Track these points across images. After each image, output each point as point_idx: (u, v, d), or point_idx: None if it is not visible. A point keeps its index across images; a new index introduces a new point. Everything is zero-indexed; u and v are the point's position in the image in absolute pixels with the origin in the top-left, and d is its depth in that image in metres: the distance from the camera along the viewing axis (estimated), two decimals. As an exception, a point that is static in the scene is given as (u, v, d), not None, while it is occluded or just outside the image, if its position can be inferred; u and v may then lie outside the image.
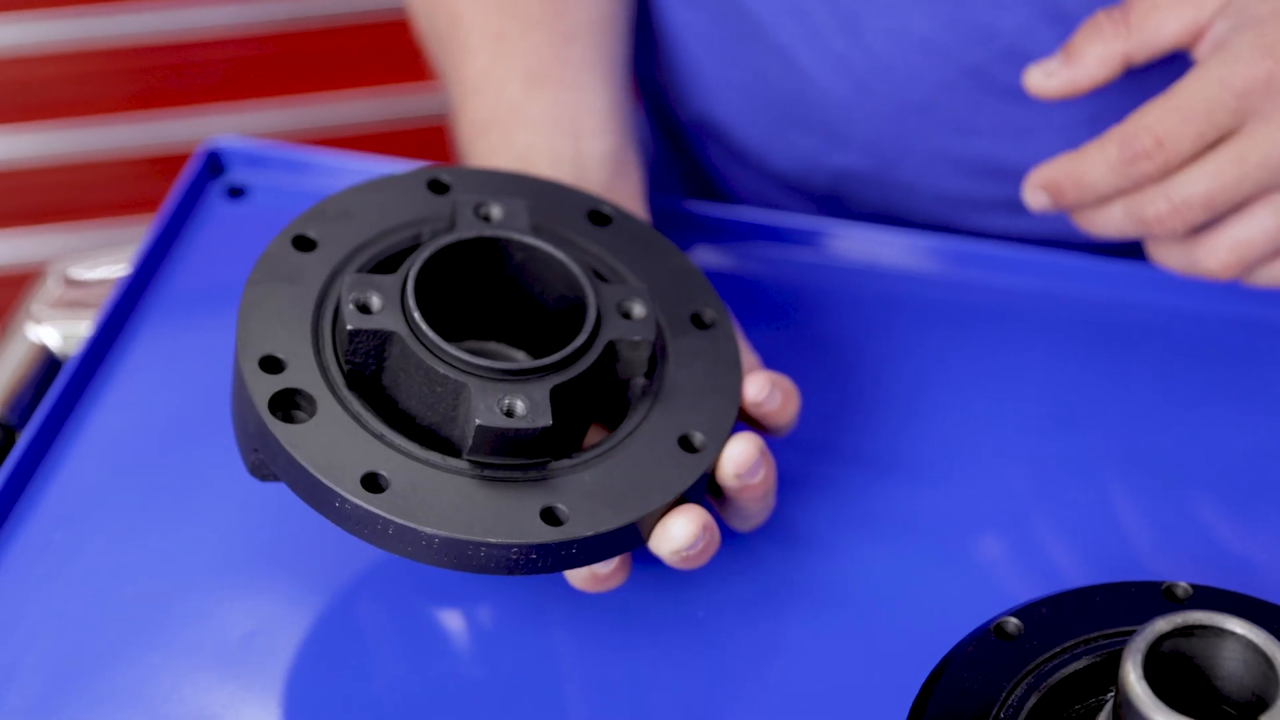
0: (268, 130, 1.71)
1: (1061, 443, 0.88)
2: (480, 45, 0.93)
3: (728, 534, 0.81)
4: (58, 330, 0.96)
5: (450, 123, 0.97)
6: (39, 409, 0.86)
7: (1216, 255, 0.85)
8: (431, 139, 1.64)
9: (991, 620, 0.71)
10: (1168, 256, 0.88)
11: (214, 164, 0.99)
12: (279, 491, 0.74)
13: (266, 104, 1.72)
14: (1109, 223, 0.86)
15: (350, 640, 0.80)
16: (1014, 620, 0.70)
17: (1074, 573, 0.81)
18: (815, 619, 0.81)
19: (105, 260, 1.01)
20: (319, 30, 1.70)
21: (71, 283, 1.00)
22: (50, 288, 0.99)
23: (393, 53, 1.66)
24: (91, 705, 0.77)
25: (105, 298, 0.92)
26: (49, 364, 0.95)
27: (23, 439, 0.84)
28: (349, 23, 1.71)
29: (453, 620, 0.81)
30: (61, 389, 0.87)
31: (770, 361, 0.86)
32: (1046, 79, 0.86)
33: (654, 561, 0.78)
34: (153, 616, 0.80)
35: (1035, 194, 0.87)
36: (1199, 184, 0.82)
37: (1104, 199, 0.85)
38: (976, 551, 0.83)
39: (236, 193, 0.99)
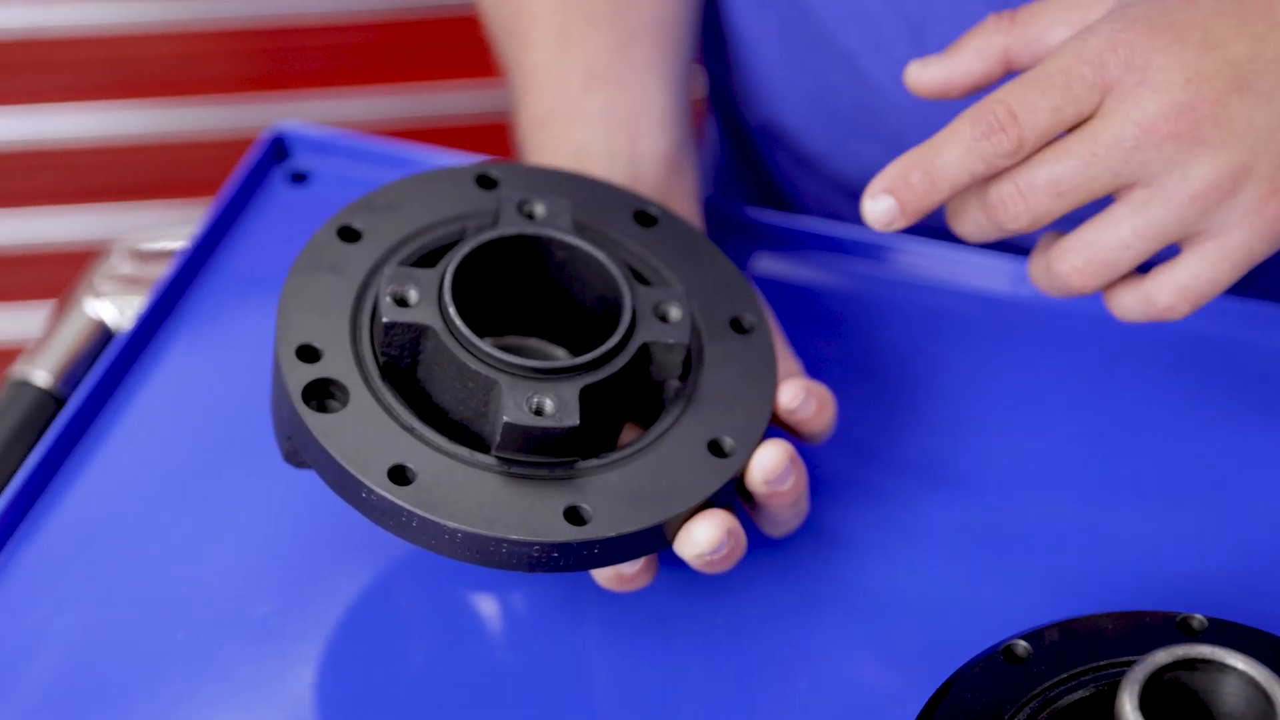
0: (364, 119, 1.72)
1: (1108, 466, 0.87)
2: (543, 40, 0.93)
3: (763, 535, 0.81)
4: (116, 305, 0.97)
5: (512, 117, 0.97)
6: (85, 381, 0.87)
7: (1067, 258, 0.76)
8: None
9: (1001, 642, 0.70)
10: (1033, 267, 0.79)
11: (278, 149, 1.00)
12: (316, 478, 0.75)
13: (366, 92, 1.73)
14: (967, 220, 0.78)
15: (381, 627, 0.80)
16: (1023, 643, 0.70)
17: (1103, 596, 0.80)
18: (843, 625, 0.81)
19: (170, 238, 1.02)
20: (421, 21, 1.71)
21: (135, 259, 1.01)
22: (114, 263, 1.00)
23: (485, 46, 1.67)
24: (115, 678, 0.78)
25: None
26: (105, 338, 0.96)
27: (66, 410, 0.86)
28: (452, 14, 1.72)
29: (482, 611, 0.81)
30: (109, 363, 0.88)
31: (821, 370, 0.86)
32: (922, 69, 0.81)
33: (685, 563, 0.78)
34: (180, 594, 0.81)
35: (875, 202, 0.77)
36: (1045, 165, 0.75)
37: (959, 188, 0.76)
38: (1010, 568, 0.83)
39: (299, 178, 0.99)
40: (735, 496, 0.77)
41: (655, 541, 0.74)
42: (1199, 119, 0.72)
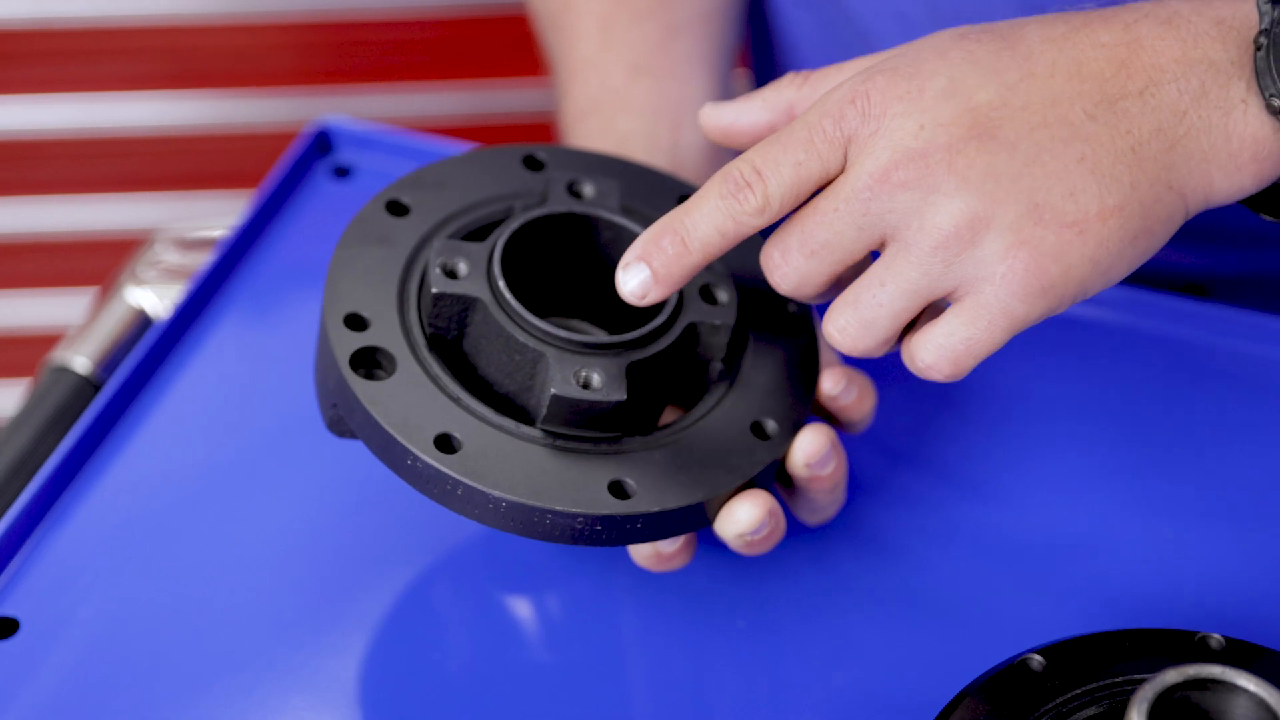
0: (424, 115, 1.73)
1: (1145, 481, 0.86)
2: (588, 31, 0.94)
3: (800, 528, 0.82)
4: (158, 294, 0.98)
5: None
6: (121, 368, 0.88)
7: (832, 317, 0.72)
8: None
9: (1018, 655, 0.70)
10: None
11: (322, 142, 1.00)
12: (353, 464, 0.75)
13: (425, 87, 1.74)
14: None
15: (415, 612, 0.81)
16: (1039, 657, 0.70)
17: (1129, 612, 0.80)
18: (869, 624, 0.81)
19: (214, 228, 1.03)
20: (481, 18, 1.71)
21: (178, 248, 1.02)
22: (158, 251, 1.01)
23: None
24: (142, 662, 0.78)
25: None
26: (145, 326, 0.97)
27: (101, 396, 0.86)
28: (512, 13, 1.73)
29: (521, 594, 0.81)
30: (146, 350, 0.88)
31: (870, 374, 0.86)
32: (712, 111, 0.79)
33: (722, 548, 0.79)
34: (208, 583, 0.81)
35: (627, 273, 0.73)
36: (797, 223, 0.72)
37: (711, 249, 0.73)
38: (1041, 578, 0.82)
39: (342, 172, 1.00)
40: (773, 481, 0.78)
41: (697, 519, 0.75)
42: (931, 166, 0.69)
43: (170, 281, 0.98)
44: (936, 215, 0.69)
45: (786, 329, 0.80)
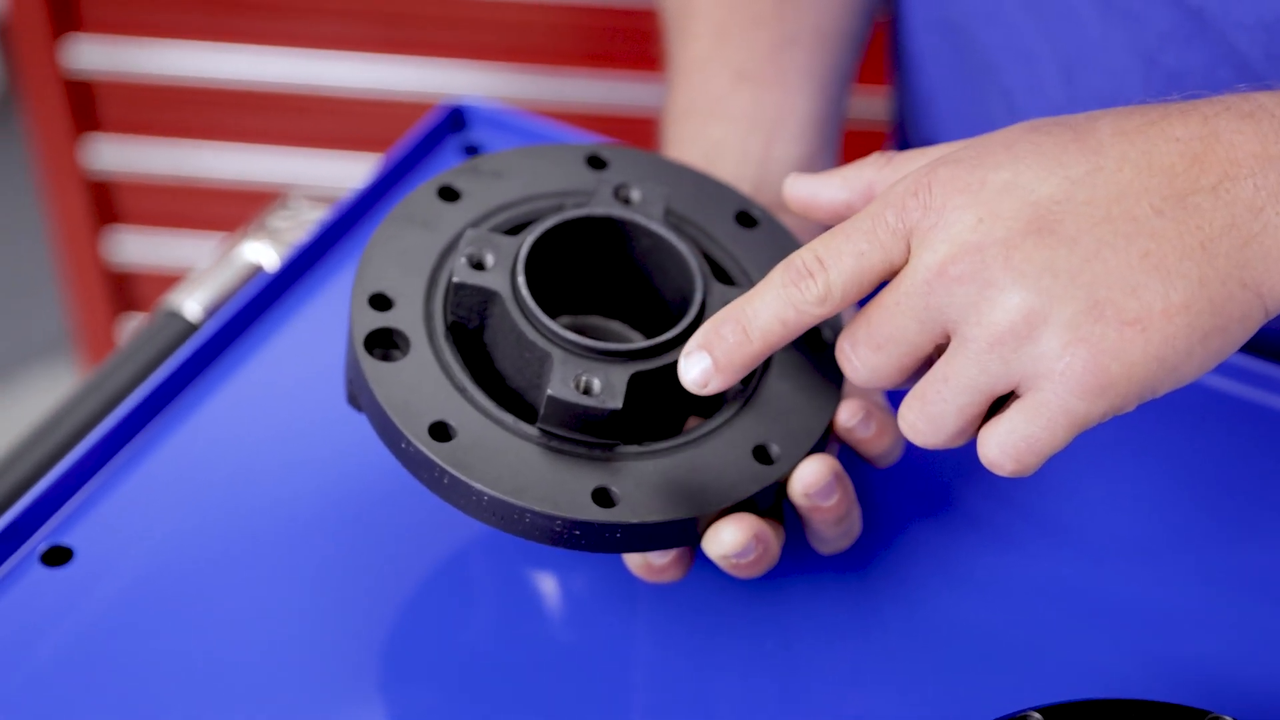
0: (630, 104, 1.73)
1: (1224, 556, 0.84)
2: (701, 34, 0.94)
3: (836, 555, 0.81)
4: (278, 248, 0.99)
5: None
6: (219, 314, 0.90)
7: (904, 413, 0.71)
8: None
9: (1017, 712, 0.68)
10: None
11: (456, 120, 1.01)
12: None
13: (636, 76, 1.74)
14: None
15: (444, 592, 0.82)
16: (1038, 716, 0.68)
17: (1162, 683, 0.78)
18: (883, 656, 0.80)
19: (345, 190, 1.04)
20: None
21: (313, 205, 1.03)
22: (289, 208, 1.03)
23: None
24: (182, 604, 0.80)
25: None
26: (259, 280, 0.98)
27: (194, 339, 0.88)
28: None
29: (533, 602, 0.82)
30: (247, 300, 0.90)
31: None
32: (795, 182, 0.78)
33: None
34: (269, 539, 0.83)
35: (688, 361, 0.73)
36: (863, 317, 0.72)
37: (772, 338, 0.72)
38: (1074, 632, 0.80)
39: (472, 151, 1.01)
40: (782, 506, 0.77)
41: (682, 535, 0.74)
42: (986, 260, 0.67)
43: (296, 237, 1.00)
44: (992, 311, 0.67)
45: (818, 355, 0.79)
